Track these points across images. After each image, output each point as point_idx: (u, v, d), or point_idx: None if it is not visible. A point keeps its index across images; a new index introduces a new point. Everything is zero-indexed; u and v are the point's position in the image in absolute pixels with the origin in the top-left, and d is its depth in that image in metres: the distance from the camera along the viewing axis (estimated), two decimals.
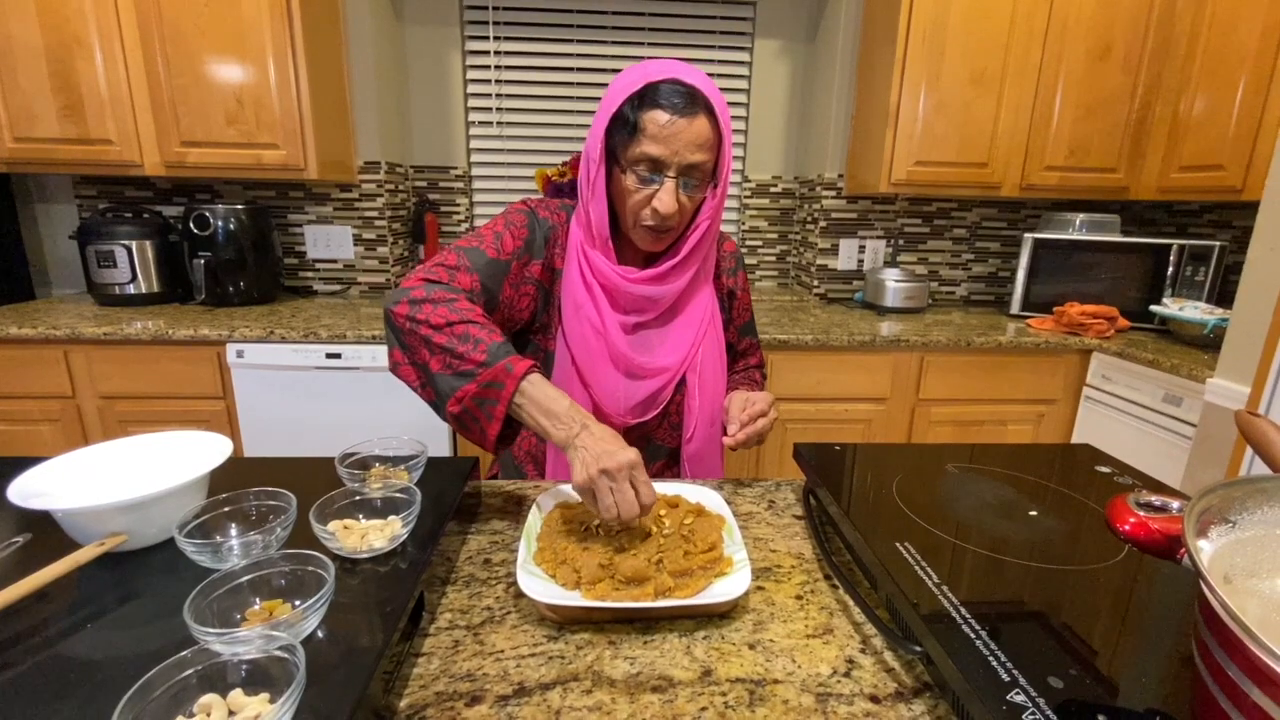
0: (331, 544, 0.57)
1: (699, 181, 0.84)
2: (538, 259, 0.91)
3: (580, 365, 0.91)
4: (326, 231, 2.30)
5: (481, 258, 0.84)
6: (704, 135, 0.81)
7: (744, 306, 1.09)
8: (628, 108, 0.81)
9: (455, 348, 0.72)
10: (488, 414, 0.71)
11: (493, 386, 0.70)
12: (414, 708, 0.47)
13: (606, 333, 0.90)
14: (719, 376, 0.99)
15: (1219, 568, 0.38)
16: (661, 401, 0.95)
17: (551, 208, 0.95)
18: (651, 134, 0.80)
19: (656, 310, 0.94)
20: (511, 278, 0.87)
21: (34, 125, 1.81)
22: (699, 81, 0.82)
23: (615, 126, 0.83)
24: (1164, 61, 2.02)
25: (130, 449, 0.67)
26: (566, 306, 0.91)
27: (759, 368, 1.16)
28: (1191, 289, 2.01)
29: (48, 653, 0.45)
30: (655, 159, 0.81)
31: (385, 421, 1.81)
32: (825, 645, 0.54)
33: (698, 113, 0.80)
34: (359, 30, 2.10)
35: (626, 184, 0.84)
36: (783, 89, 2.50)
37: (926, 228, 2.49)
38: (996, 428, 2.01)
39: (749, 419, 0.87)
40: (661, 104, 0.80)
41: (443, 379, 0.73)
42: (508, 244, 0.87)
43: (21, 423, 1.77)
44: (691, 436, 0.96)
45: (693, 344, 0.95)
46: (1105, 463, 0.80)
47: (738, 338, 1.10)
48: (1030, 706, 0.40)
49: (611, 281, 0.89)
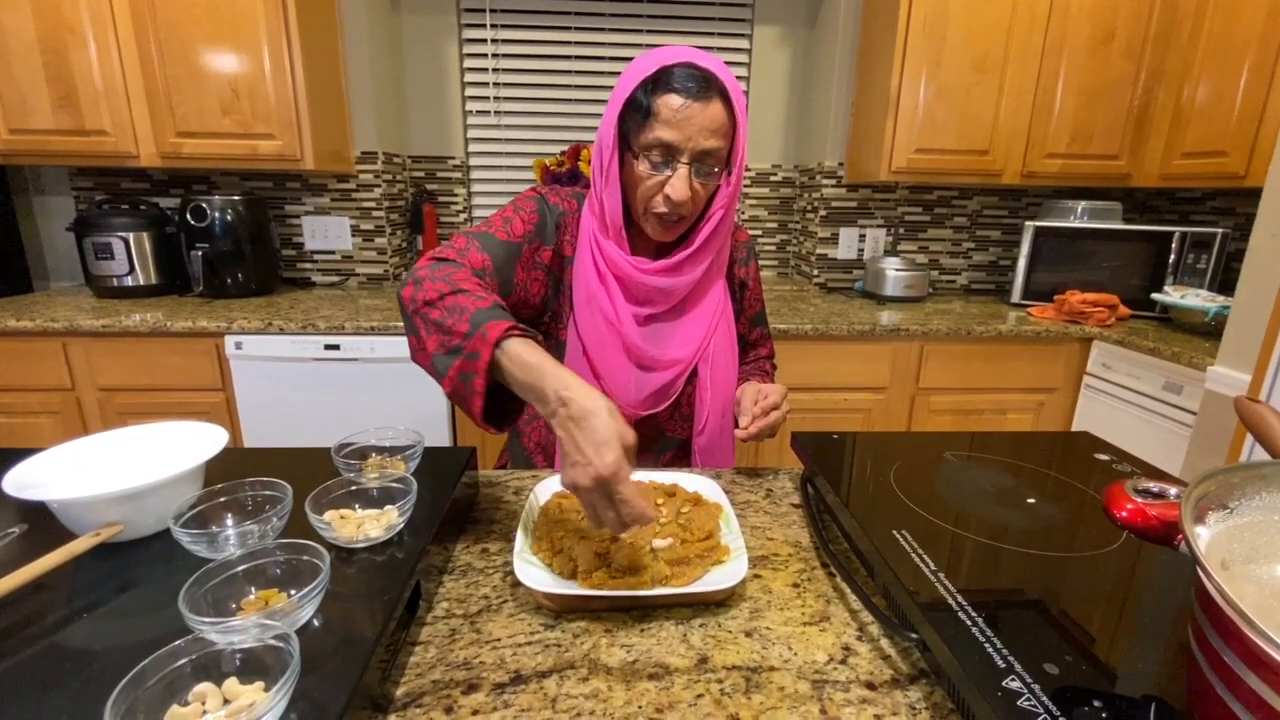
0: (327, 534, 0.57)
1: (713, 169, 0.83)
2: (548, 245, 0.90)
3: (592, 356, 0.90)
4: (324, 222, 2.29)
5: (492, 240, 0.83)
6: (718, 120, 0.80)
7: (755, 297, 1.08)
8: (641, 92, 0.80)
9: (445, 322, 0.67)
10: (470, 389, 0.64)
11: (471, 357, 0.64)
12: (411, 696, 0.47)
13: (619, 323, 0.89)
14: (731, 368, 0.98)
15: (1216, 554, 0.38)
16: (673, 393, 0.94)
17: (562, 195, 0.94)
18: (665, 119, 0.79)
19: (669, 302, 0.93)
20: (524, 261, 0.86)
21: (29, 116, 1.80)
22: (714, 66, 0.80)
23: (628, 112, 0.82)
24: (1167, 46, 2.00)
25: (126, 439, 0.67)
26: (579, 296, 0.90)
27: (769, 358, 1.15)
28: (1193, 276, 2.00)
29: (44, 643, 0.45)
30: (668, 144, 0.80)
31: (384, 412, 1.82)
32: (822, 633, 0.54)
33: (712, 97, 0.79)
34: (354, 19, 2.08)
35: (639, 170, 0.83)
36: (782, 76, 2.47)
37: (927, 216, 2.47)
38: (996, 416, 2.01)
39: (761, 412, 0.86)
40: (675, 88, 0.78)
41: (439, 359, 0.67)
42: (517, 228, 0.86)
43: (21, 415, 1.78)
44: (703, 429, 0.95)
45: (705, 335, 0.95)
46: (1104, 450, 0.80)
47: (749, 328, 1.09)
48: (1025, 692, 0.40)
49: (625, 272, 0.88)
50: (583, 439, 0.56)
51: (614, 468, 0.54)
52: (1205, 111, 1.90)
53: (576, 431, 0.56)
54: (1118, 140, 2.10)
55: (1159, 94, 2.04)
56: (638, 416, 0.93)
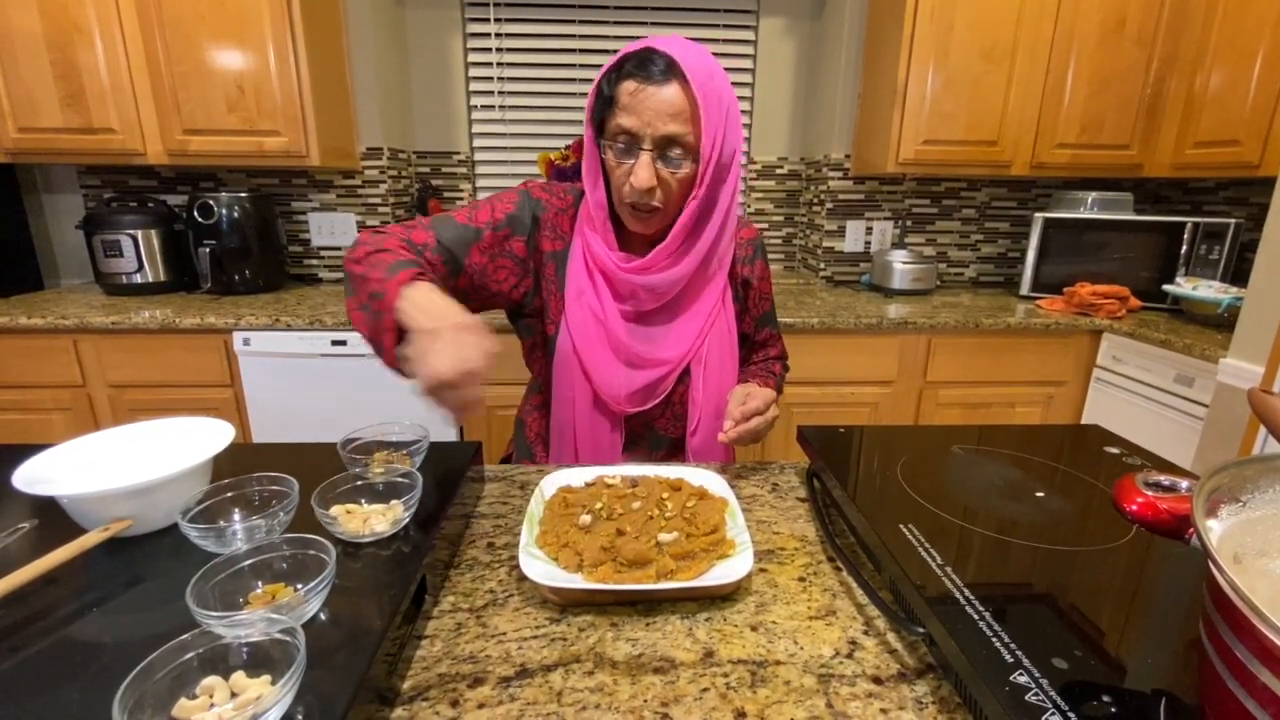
0: (334, 528, 0.57)
1: (680, 156, 0.80)
2: (520, 235, 0.89)
3: (580, 351, 0.90)
4: (330, 218, 2.30)
5: (447, 223, 0.85)
6: (677, 104, 0.77)
7: (762, 296, 1.05)
8: (604, 82, 0.81)
9: (367, 274, 0.73)
10: (381, 326, 0.70)
11: (378, 297, 0.70)
12: (417, 689, 0.47)
13: (606, 320, 0.89)
14: (727, 369, 0.97)
15: (1228, 547, 0.38)
16: (662, 391, 0.93)
17: (555, 190, 0.94)
18: (624, 104, 0.79)
19: (656, 300, 0.91)
20: (482, 244, 0.86)
21: (37, 115, 1.81)
22: (675, 49, 0.78)
23: (598, 103, 0.83)
24: (1179, 34, 1.97)
25: (134, 435, 0.68)
26: (570, 291, 0.90)
27: (780, 359, 1.11)
28: (1206, 268, 1.98)
29: (55, 636, 0.45)
30: (628, 130, 0.79)
31: (391, 407, 1.82)
32: (828, 627, 0.54)
33: (668, 80, 0.77)
34: (359, 15, 2.08)
35: (608, 160, 0.83)
36: (788, 68, 2.46)
37: (935, 208, 2.45)
38: (1005, 410, 2.00)
39: (743, 417, 0.84)
40: (631, 73, 0.78)
41: (361, 307, 0.73)
42: (483, 215, 0.87)
43: (34, 411, 1.80)
44: (696, 429, 0.94)
45: (698, 335, 0.93)
46: (1114, 443, 0.79)
47: (755, 328, 1.06)
48: (1034, 687, 0.40)
49: (607, 268, 0.88)
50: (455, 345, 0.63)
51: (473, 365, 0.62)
52: (1218, 100, 1.87)
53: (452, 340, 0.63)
54: (1129, 130, 2.07)
55: (1171, 82, 2.01)
56: (626, 413, 0.93)
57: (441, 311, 0.67)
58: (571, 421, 0.93)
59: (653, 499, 0.68)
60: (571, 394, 0.92)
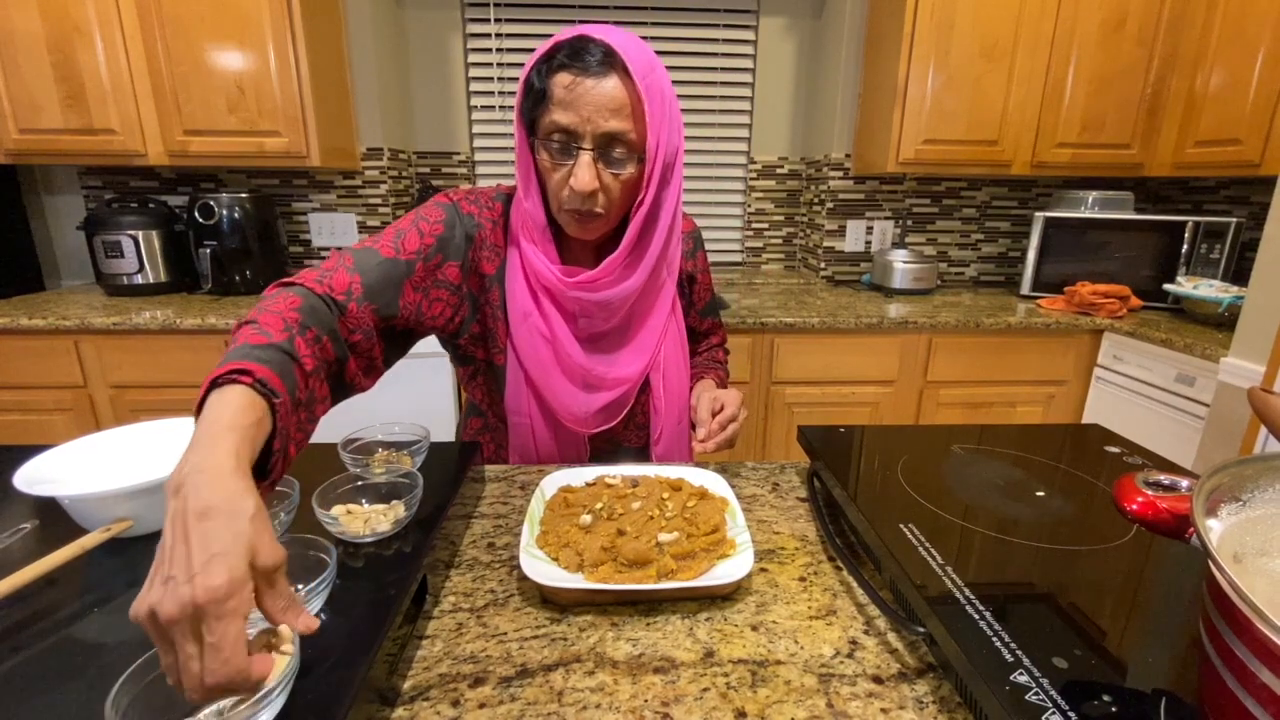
0: (335, 528, 0.57)
1: (624, 156, 0.73)
2: (454, 260, 0.80)
3: (533, 377, 0.84)
4: (330, 219, 2.30)
5: (373, 258, 0.72)
6: (617, 98, 0.70)
7: (704, 288, 1.02)
8: (534, 75, 0.73)
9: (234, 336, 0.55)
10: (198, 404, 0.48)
11: None
12: (418, 689, 0.47)
13: (556, 341, 0.83)
14: (683, 371, 0.94)
15: (1228, 547, 0.38)
16: (624, 407, 0.89)
17: (481, 200, 0.84)
18: (559, 99, 0.70)
19: (611, 316, 0.84)
20: (415, 279, 0.75)
21: (38, 116, 1.81)
22: (614, 39, 0.71)
23: (528, 98, 0.74)
24: (1180, 33, 1.97)
25: (136, 435, 0.68)
26: (514, 314, 0.83)
27: (721, 345, 1.10)
28: (1207, 267, 1.97)
29: (56, 636, 0.46)
30: (564, 128, 0.71)
31: (392, 408, 1.82)
32: (828, 626, 0.54)
33: (608, 73, 0.70)
34: (359, 15, 2.08)
35: (542, 161, 0.75)
36: (789, 68, 2.46)
37: (935, 208, 2.45)
38: (1005, 409, 2.00)
39: (719, 426, 0.82)
40: (565, 63, 0.70)
41: None
42: (410, 242, 0.76)
43: (35, 412, 1.80)
44: (659, 437, 0.92)
45: (655, 346, 0.89)
46: (1115, 443, 0.79)
47: (699, 320, 1.04)
48: (1034, 687, 0.40)
49: (553, 285, 0.80)
50: (193, 544, 0.37)
51: (217, 593, 0.35)
52: (1219, 99, 1.87)
53: (188, 531, 0.38)
54: (1129, 129, 2.07)
55: (1172, 81, 2.01)
56: (589, 433, 0.90)
57: (217, 466, 0.41)
58: (533, 446, 0.89)
59: (653, 499, 0.68)
60: (529, 421, 0.87)
